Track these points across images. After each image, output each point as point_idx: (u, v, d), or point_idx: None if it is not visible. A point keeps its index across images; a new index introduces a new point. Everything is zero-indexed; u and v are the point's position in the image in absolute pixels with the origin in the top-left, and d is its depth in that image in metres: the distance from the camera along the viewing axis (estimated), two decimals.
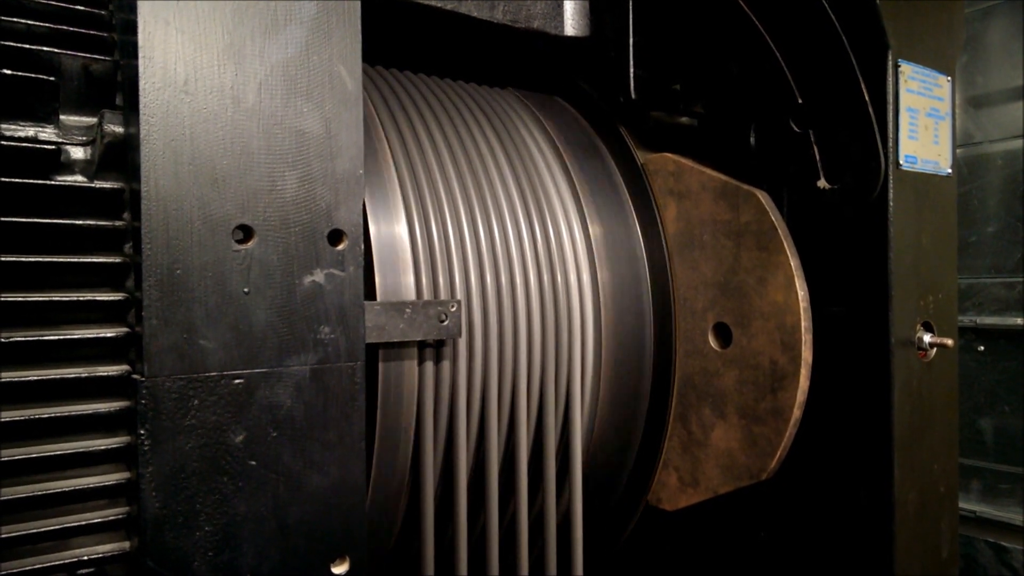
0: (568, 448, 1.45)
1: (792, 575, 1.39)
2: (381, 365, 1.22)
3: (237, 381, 0.88)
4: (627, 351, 1.49)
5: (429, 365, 1.27)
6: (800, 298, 1.30)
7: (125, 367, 0.92)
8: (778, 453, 1.30)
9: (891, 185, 1.34)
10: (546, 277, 1.42)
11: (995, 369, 2.53)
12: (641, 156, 1.63)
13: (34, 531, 0.85)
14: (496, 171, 1.47)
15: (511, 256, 1.39)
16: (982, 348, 2.55)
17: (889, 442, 1.18)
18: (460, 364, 1.30)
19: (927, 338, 1.21)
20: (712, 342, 1.43)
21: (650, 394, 1.51)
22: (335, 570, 0.95)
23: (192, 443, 0.86)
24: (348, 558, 0.96)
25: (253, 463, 0.89)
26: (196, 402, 0.86)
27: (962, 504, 2.56)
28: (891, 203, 1.33)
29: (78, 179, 0.97)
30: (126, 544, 0.91)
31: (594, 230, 1.51)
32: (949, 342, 1.21)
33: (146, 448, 0.84)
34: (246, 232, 0.92)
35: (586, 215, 1.52)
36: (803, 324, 1.28)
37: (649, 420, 1.52)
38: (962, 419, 1.61)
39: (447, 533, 1.39)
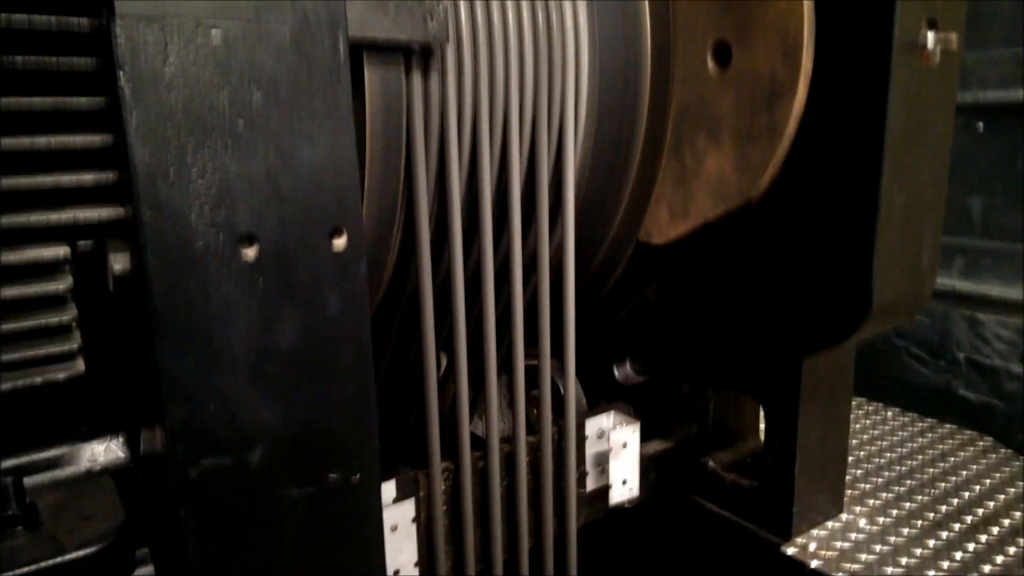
0: (561, 183, 1.45)
1: (776, 289, 1.43)
2: (367, 75, 1.18)
3: (214, 31, 0.84)
4: (623, 81, 1.44)
5: (417, 76, 1.22)
6: (804, 4, 1.24)
7: (97, 21, 0.87)
8: (770, 169, 1.30)
9: None
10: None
11: (992, 147, 2.50)
12: None
13: (25, 183, 0.85)
14: None
15: None
16: (981, 126, 2.51)
17: (880, 141, 1.17)
18: (449, 80, 1.26)
19: (931, 37, 1.17)
20: (711, 64, 1.38)
21: (645, 127, 1.48)
22: (335, 242, 0.97)
23: (175, 95, 0.84)
24: (345, 232, 0.98)
25: (240, 122, 0.87)
26: (173, 51, 0.83)
27: (943, 279, 2.63)
28: None
29: None
30: (120, 210, 0.91)
31: None
32: (954, 43, 1.17)
33: (128, 97, 0.81)
34: None
35: None
36: (806, 30, 1.23)
37: (644, 154, 1.51)
38: (951, 198, 1.61)
39: (441, 266, 1.42)
